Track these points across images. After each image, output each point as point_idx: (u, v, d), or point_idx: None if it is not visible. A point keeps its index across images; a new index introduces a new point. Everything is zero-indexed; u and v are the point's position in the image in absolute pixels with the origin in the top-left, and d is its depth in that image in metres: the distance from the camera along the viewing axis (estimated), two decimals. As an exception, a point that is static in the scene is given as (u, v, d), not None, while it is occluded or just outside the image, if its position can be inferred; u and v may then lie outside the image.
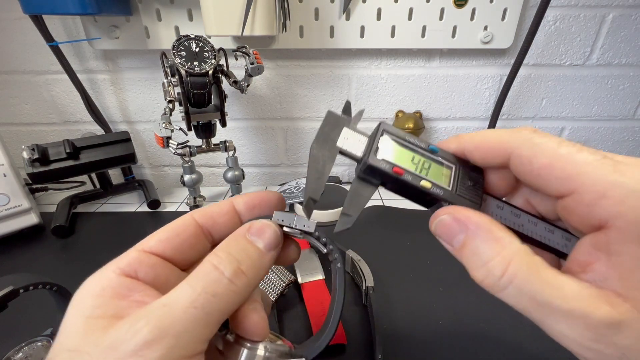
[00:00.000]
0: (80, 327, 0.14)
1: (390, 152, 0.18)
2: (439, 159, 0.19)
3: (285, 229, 0.20)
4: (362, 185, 0.19)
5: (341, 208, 0.19)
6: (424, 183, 0.18)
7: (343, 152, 0.19)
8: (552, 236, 0.17)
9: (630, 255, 0.13)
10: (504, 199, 0.19)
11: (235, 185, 0.56)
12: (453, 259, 0.16)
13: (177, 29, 0.56)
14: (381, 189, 0.20)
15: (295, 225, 0.20)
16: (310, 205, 0.19)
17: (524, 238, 0.18)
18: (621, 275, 0.13)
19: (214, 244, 0.20)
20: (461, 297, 0.38)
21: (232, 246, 0.17)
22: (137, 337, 0.13)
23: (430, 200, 0.18)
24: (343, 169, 0.72)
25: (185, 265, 0.19)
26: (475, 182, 0.18)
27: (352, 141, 0.19)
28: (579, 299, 0.13)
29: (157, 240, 0.19)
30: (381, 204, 0.58)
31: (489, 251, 0.14)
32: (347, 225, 0.18)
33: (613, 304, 0.12)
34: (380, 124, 0.19)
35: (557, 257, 0.18)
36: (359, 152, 0.19)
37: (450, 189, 0.18)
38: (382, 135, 0.19)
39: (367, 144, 0.19)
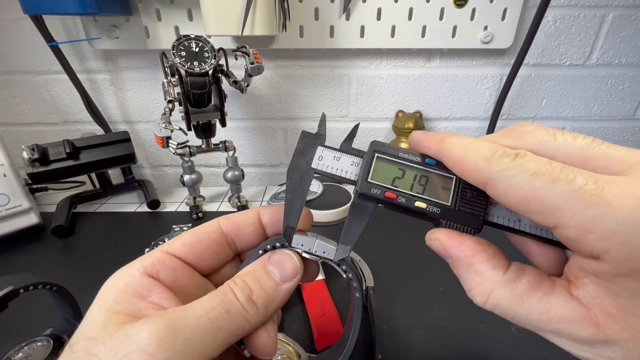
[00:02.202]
0: (100, 319, 0.15)
1: (383, 173, 0.18)
2: (437, 171, 0.18)
3: (304, 254, 0.19)
4: (356, 214, 0.19)
5: (341, 208, 0.19)
6: (418, 204, 0.17)
7: (319, 172, 0.19)
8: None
9: (621, 286, 0.12)
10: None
11: (235, 185, 0.56)
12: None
13: (177, 28, 0.56)
14: None
15: (315, 252, 0.19)
16: (288, 233, 0.19)
17: (523, 234, 0.17)
18: (611, 296, 0.13)
19: (237, 253, 0.21)
20: (461, 297, 0.38)
21: (250, 275, 0.18)
22: (148, 336, 0.13)
23: (429, 218, 0.18)
24: (343, 169, 0.72)
25: (206, 271, 0.20)
26: (479, 192, 0.17)
27: (327, 160, 0.19)
28: (563, 321, 0.13)
29: (181, 244, 0.19)
30: (381, 204, 0.58)
31: (469, 282, 0.16)
32: (345, 254, 0.19)
33: (599, 324, 0.13)
34: (372, 143, 0.19)
35: (565, 249, 0.17)
36: (337, 171, 0.19)
37: (449, 204, 0.17)
38: (373, 155, 0.18)
39: (360, 168, 0.19)
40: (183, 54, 0.44)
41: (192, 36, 0.45)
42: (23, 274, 0.27)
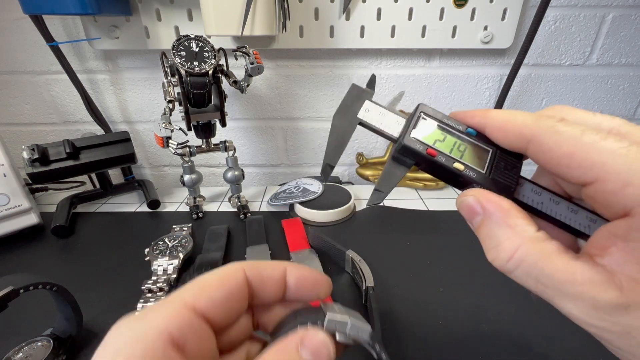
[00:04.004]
0: None
1: (426, 134, 0.19)
2: (476, 142, 0.19)
3: (338, 337, 0.18)
4: (395, 165, 0.20)
5: (340, 208, 0.20)
6: (457, 165, 0.18)
7: (363, 124, 0.20)
8: (575, 216, 0.17)
9: None
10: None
11: (235, 185, 0.56)
12: (453, 259, 0.16)
13: (177, 29, 0.56)
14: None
15: (349, 334, 0.18)
16: (326, 171, 0.20)
17: (545, 217, 0.18)
18: (637, 260, 0.13)
19: (251, 306, 0.19)
20: (461, 297, 0.38)
21: (280, 355, 0.15)
22: None
23: (464, 182, 0.18)
24: (343, 169, 0.72)
25: (219, 327, 0.17)
26: (513, 166, 0.18)
27: (373, 114, 0.20)
28: (587, 283, 0.13)
29: (209, 299, 0.16)
30: (381, 204, 0.58)
31: (501, 235, 0.15)
32: (379, 200, 0.20)
33: (623, 288, 0.13)
34: (419, 105, 0.20)
35: (579, 238, 0.18)
36: (381, 125, 0.20)
37: (484, 172, 0.18)
38: (419, 116, 0.20)
39: (405, 124, 0.20)
40: (183, 54, 0.44)
41: (192, 36, 0.45)
42: (23, 274, 0.27)
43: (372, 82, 0.21)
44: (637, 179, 0.13)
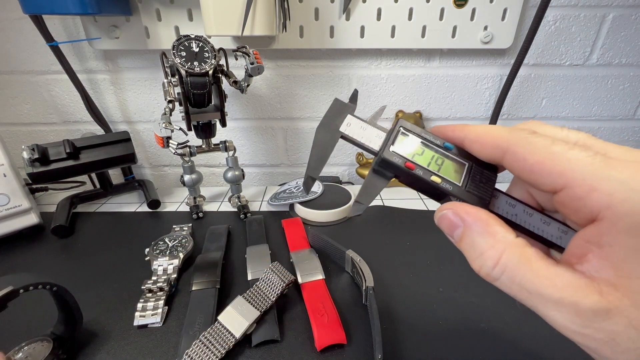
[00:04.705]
0: None
1: (405, 148, 0.20)
2: (453, 156, 0.20)
3: None
4: (376, 177, 0.20)
5: (340, 208, 0.20)
6: (434, 178, 0.19)
7: (345, 137, 0.21)
8: (548, 228, 0.18)
9: (620, 245, 0.13)
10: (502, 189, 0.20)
11: (235, 185, 0.56)
12: (453, 259, 0.17)
13: (177, 29, 0.56)
14: (382, 191, 0.20)
15: None
16: (308, 183, 0.20)
17: (519, 229, 0.18)
18: (613, 265, 0.13)
19: None
20: (461, 297, 0.38)
21: None
22: None
23: (440, 194, 0.19)
24: (343, 169, 0.72)
25: None
26: (487, 179, 0.19)
27: (354, 128, 0.21)
28: (568, 289, 0.14)
29: None
30: (381, 204, 0.58)
31: (483, 244, 0.16)
32: (359, 212, 0.20)
33: (603, 292, 0.13)
34: (398, 120, 0.21)
35: (553, 249, 0.18)
36: (362, 139, 0.21)
37: (460, 185, 0.19)
38: (399, 130, 0.20)
39: (384, 138, 0.21)
40: (183, 54, 0.44)
41: (192, 36, 0.45)
42: (23, 274, 0.27)
43: (354, 96, 0.22)
44: (601, 185, 0.13)
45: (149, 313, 0.35)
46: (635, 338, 0.12)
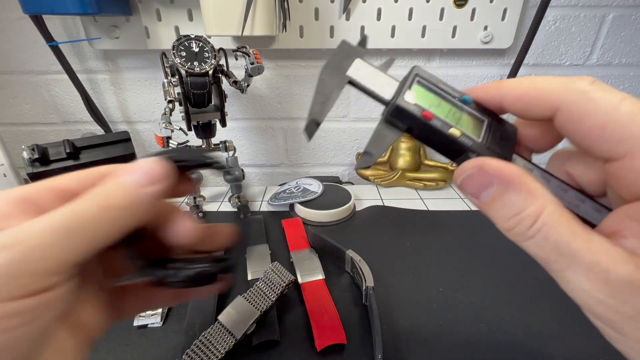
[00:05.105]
0: None
1: (421, 97, 0.18)
2: (471, 110, 0.18)
3: (179, 164, 0.18)
4: (387, 127, 0.18)
5: (340, 208, 0.19)
6: (452, 131, 0.17)
7: (352, 82, 0.19)
8: (583, 205, 0.17)
9: None
10: (533, 161, 0.18)
11: (235, 185, 0.56)
12: (453, 259, 0.16)
13: (177, 29, 0.56)
14: (382, 191, 0.20)
15: (185, 158, 0.19)
16: (311, 127, 0.18)
17: None
18: None
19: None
20: (461, 297, 0.38)
21: (111, 179, 0.17)
22: None
23: (458, 150, 0.17)
24: (343, 169, 0.72)
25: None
26: (508, 137, 0.17)
27: (363, 73, 0.19)
28: (604, 254, 0.13)
29: (69, 177, 0.18)
30: (381, 204, 0.58)
31: (522, 202, 0.14)
32: (368, 164, 0.18)
33: (638, 265, 0.12)
34: (413, 67, 0.19)
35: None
36: (372, 85, 0.18)
37: (480, 140, 0.17)
38: (414, 78, 0.18)
39: (398, 86, 0.18)
40: (183, 54, 0.44)
41: (193, 36, 0.45)
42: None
43: (364, 40, 0.20)
44: None
45: (149, 313, 0.35)
46: None
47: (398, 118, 0.18)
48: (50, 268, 0.14)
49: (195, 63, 0.45)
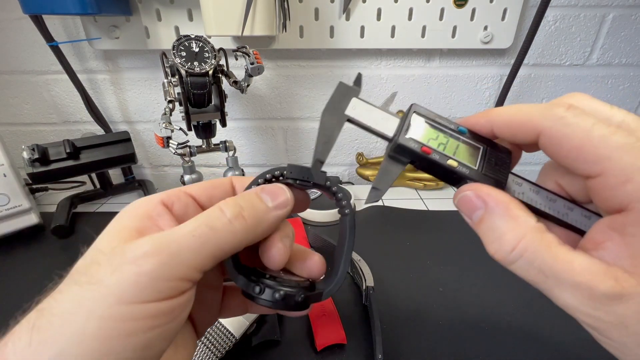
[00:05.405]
0: (111, 233, 0.17)
1: (420, 133, 0.20)
2: (467, 139, 0.19)
3: (298, 182, 0.21)
4: (391, 163, 0.20)
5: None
6: (450, 162, 0.19)
7: (352, 121, 0.21)
8: (572, 213, 0.18)
9: None
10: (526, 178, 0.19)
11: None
12: (453, 259, 0.16)
13: (177, 29, 0.56)
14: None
15: (307, 178, 0.21)
16: (317, 166, 0.20)
17: (542, 214, 0.18)
18: (631, 255, 0.13)
19: None
20: (461, 297, 0.38)
21: (242, 196, 0.19)
22: (139, 249, 0.15)
23: (457, 178, 0.19)
24: (343, 169, 0.72)
25: (201, 202, 0.22)
26: (502, 162, 0.19)
27: (360, 111, 0.21)
28: (585, 273, 0.14)
29: (197, 186, 0.21)
30: (381, 204, 0.58)
31: (503, 227, 0.16)
32: (377, 198, 0.20)
33: (618, 279, 0.13)
34: (412, 105, 0.21)
35: (576, 233, 0.18)
36: (369, 122, 0.20)
37: (476, 168, 0.19)
38: (412, 115, 0.20)
39: (399, 123, 0.20)
40: (183, 54, 0.44)
41: (193, 36, 0.45)
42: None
43: (358, 80, 0.22)
44: (638, 176, 0.13)
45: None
46: None
47: (400, 154, 0.20)
48: (187, 274, 0.16)
49: (195, 63, 0.45)
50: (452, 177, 0.19)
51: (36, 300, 0.15)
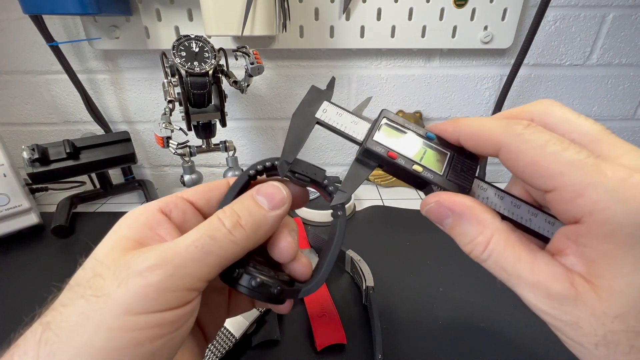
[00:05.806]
0: (110, 243, 0.17)
1: (388, 138, 0.20)
2: (435, 145, 0.20)
3: (297, 175, 0.21)
4: (359, 167, 0.21)
5: None
6: (415, 167, 0.19)
7: (321, 123, 0.21)
8: (535, 219, 0.18)
9: (594, 248, 0.14)
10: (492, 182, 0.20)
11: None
12: (453, 259, 0.17)
13: (177, 29, 0.56)
14: (382, 191, 0.20)
15: (306, 173, 0.21)
16: (283, 167, 0.21)
17: (506, 220, 0.18)
18: (585, 263, 0.14)
19: None
20: (461, 297, 0.38)
21: (238, 204, 0.19)
22: (145, 262, 0.16)
23: (422, 183, 0.20)
24: (343, 169, 0.72)
25: (199, 207, 0.22)
26: (469, 168, 0.19)
27: (330, 114, 0.21)
28: (543, 274, 0.15)
29: (194, 190, 0.21)
30: (381, 204, 0.58)
31: (473, 231, 0.17)
32: (342, 200, 0.21)
33: (574, 282, 0.14)
34: (382, 111, 0.21)
35: (540, 240, 0.18)
36: (338, 125, 0.21)
37: (441, 173, 0.19)
38: (382, 121, 0.21)
39: (369, 128, 0.21)
40: (183, 54, 0.44)
41: (192, 36, 0.45)
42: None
43: (331, 83, 0.22)
44: (588, 191, 0.14)
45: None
46: (595, 325, 0.14)
47: (368, 158, 0.20)
48: (193, 284, 0.16)
49: (195, 63, 0.45)
50: (417, 182, 0.20)
51: (37, 313, 0.15)
